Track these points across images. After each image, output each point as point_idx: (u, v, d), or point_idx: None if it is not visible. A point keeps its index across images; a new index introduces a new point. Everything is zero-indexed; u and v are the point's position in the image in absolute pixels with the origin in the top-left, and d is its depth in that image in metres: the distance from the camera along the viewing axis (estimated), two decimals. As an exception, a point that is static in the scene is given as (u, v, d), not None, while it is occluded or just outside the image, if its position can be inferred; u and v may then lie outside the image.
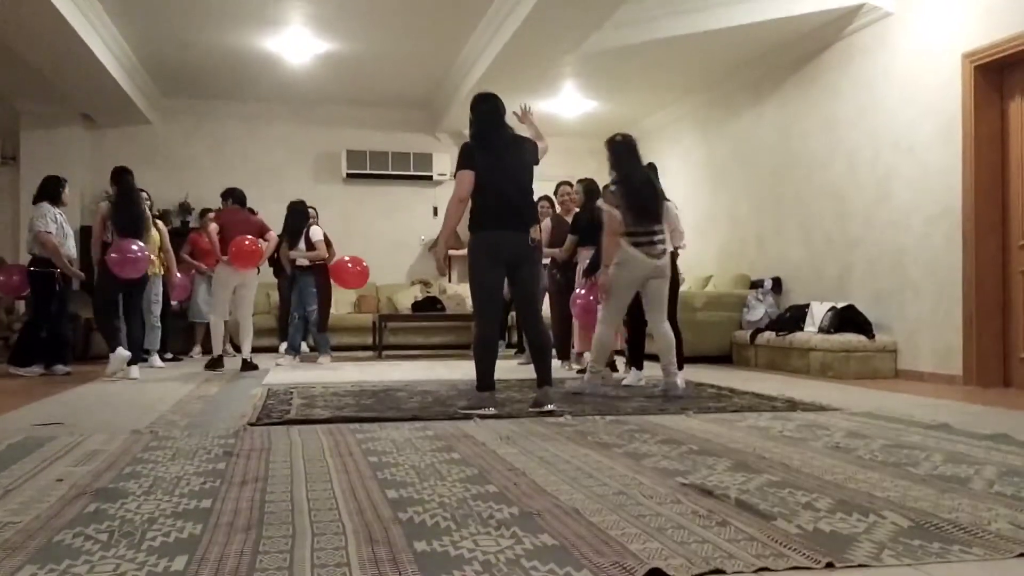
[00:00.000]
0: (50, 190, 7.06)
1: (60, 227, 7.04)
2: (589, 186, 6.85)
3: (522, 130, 4.69)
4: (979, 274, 5.76)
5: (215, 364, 7.30)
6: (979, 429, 3.65)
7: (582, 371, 6.50)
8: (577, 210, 6.98)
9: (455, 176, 4.39)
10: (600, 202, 5.30)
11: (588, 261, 6.34)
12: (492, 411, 4.19)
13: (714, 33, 7.35)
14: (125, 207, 6.87)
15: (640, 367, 5.87)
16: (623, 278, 5.02)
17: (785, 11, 7.00)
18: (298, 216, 8.05)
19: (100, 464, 2.93)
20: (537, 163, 4.55)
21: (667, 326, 5.16)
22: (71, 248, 7.25)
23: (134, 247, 6.62)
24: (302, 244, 8.03)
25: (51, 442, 3.40)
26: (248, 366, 7.15)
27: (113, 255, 6.55)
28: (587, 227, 6.35)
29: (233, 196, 7.64)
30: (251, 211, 7.99)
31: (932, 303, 6.14)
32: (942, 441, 3.35)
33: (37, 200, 7.02)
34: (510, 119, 4.53)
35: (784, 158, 8.02)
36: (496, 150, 4.36)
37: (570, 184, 7.43)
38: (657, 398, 4.90)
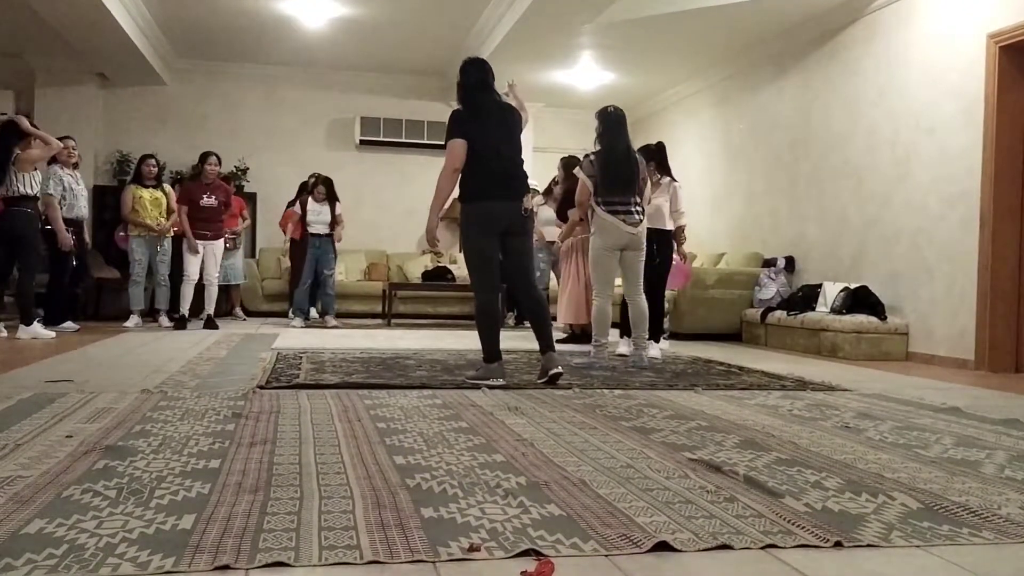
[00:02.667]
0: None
1: (68, 189, 7.17)
2: (569, 162, 7.10)
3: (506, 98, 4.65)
4: (995, 258, 5.70)
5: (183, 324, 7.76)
6: (990, 414, 3.63)
7: (564, 339, 6.91)
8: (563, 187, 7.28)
9: (445, 145, 4.27)
10: (576, 170, 5.37)
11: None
12: (500, 382, 4.18)
13: (736, 6, 7.25)
14: None
15: (657, 339, 5.98)
16: (601, 245, 5.16)
17: (809, -14, 6.90)
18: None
19: (110, 422, 2.94)
20: (521, 132, 4.48)
21: (642, 298, 5.30)
22: (81, 209, 7.37)
23: None
24: (327, 214, 8.50)
25: (61, 399, 3.42)
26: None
27: None
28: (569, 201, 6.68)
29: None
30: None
31: (946, 286, 6.09)
32: (953, 424, 3.33)
33: (50, 162, 7.06)
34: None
35: (802, 135, 7.94)
36: (486, 118, 4.27)
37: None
38: (666, 373, 4.89)
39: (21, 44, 9.35)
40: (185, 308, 7.77)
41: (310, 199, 8.58)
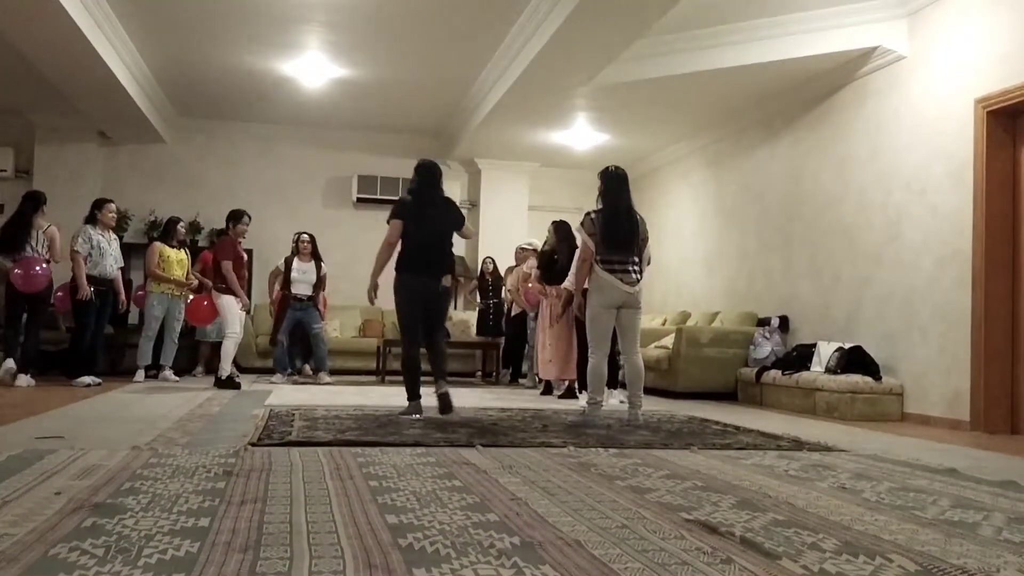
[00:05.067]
0: (90, 212, 7.69)
1: (95, 247, 7.52)
2: (560, 225, 7.43)
3: (452, 194, 5.76)
4: (988, 318, 5.73)
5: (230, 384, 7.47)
6: (987, 475, 3.61)
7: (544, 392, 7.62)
8: (547, 249, 7.65)
9: (388, 222, 5.28)
10: (577, 228, 5.45)
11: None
12: (418, 417, 5.05)
13: (728, 71, 7.39)
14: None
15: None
16: (598, 303, 5.23)
17: (799, 52, 7.04)
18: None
19: (99, 479, 2.91)
20: (459, 229, 5.50)
21: (639, 358, 5.34)
22: (106, 267, 7.57)
23: (37, 267, 7.05)
24: (312, 273, 8.64)
25: (51, 455, 3.38)
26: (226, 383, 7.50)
27: (17, 271, 7.02)
28: (567, 263, 6.94)
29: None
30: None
31: (940, 346, 6.10)
32: (949, 486, 3.30)
33: (87, 220, 7.65)
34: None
35: (794, 196, 8.03)
36: (426, 207, 5.29)
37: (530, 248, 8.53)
38: (662, 432, 4.86)
39: (22, 101, 9.47)
40: (228, 367, 7.56)
41: (295, 259, 8.64)
